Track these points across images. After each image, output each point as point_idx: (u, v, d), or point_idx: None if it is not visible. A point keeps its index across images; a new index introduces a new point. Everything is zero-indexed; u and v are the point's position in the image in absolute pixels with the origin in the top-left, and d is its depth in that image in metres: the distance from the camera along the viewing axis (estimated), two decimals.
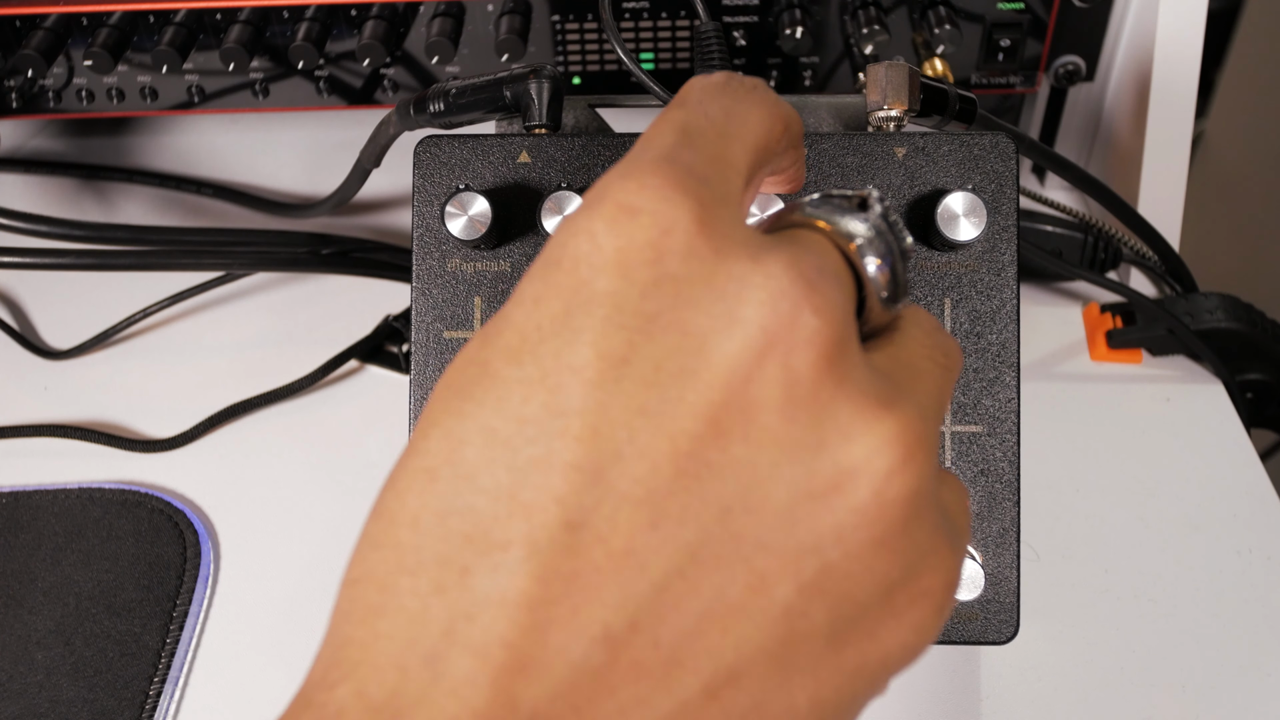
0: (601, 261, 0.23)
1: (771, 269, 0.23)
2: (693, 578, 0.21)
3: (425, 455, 0.23)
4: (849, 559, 0.22)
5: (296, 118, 0.77)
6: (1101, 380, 0.60)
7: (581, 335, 0.22)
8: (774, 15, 0.62)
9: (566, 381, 0.22)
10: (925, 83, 0.44)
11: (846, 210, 0.26)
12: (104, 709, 0.47)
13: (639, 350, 0.22)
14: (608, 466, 0.22)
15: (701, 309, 0.22)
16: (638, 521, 0.21)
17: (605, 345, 0.22)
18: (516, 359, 0.23)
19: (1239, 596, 0.49)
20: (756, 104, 0.28)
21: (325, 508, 0.55)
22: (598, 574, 0.21)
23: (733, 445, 0.22)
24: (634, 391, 0.22)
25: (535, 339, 0.23)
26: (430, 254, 0.42)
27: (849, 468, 0.22)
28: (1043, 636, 0.48)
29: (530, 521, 0.21)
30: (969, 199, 0.40)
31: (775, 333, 0.22)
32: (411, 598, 0.22)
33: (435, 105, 0.45)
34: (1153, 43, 0.61)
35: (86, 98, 0.66)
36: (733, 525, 0.22)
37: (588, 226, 0.23)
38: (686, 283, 0.23)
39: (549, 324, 0.23)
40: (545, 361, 0.22)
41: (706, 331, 0.22)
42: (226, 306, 0.67)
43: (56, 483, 0.56)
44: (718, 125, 0.27)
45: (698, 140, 0.26)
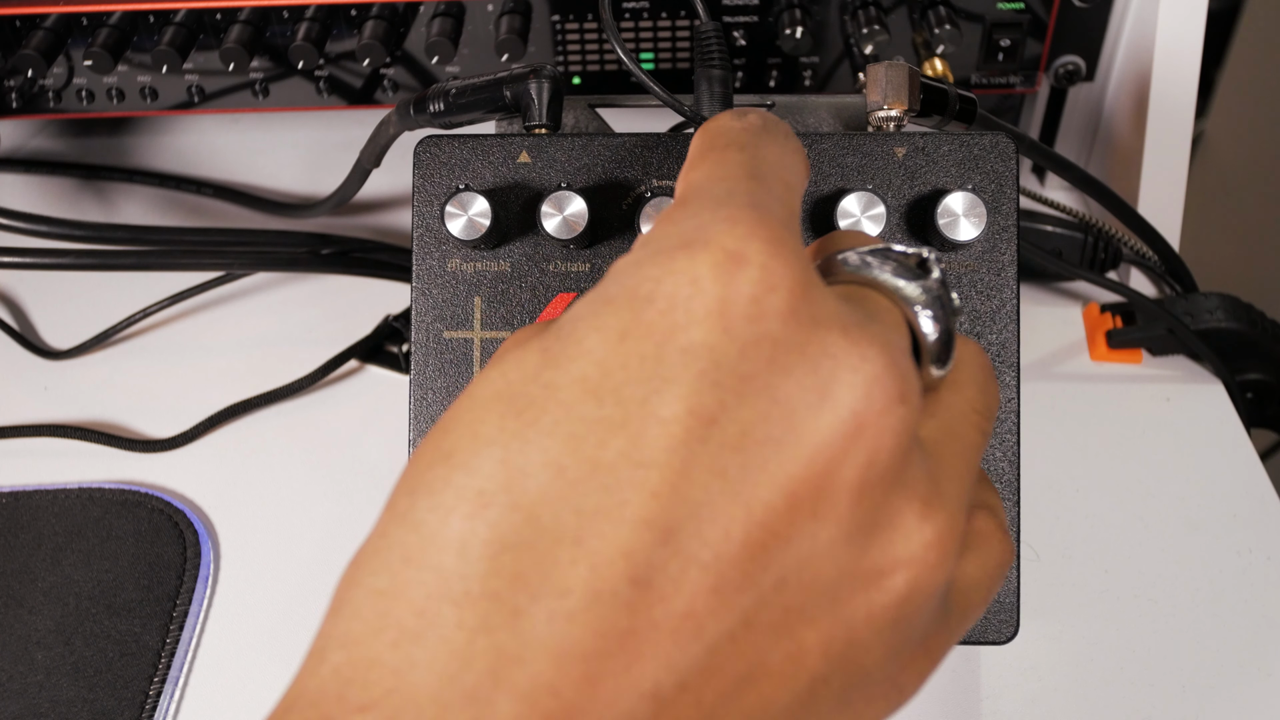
0: (703, 310, 0.22)
1: (867, 352, 0.23)
2: (741, 643, 0.22)
3: (476, 474, 0.22)
4: (872, 635, 0.23)
5: (296, 118, 0.77)
6: (1101, 380, 0.60)
7: (673, 386, 0.22)
8: (774, 15, 0.62)
9: (651, 432, 0.21)
10: (925, 83, 0.44)
11: (908, 273, 0.26)
12: (104, 709, 0.47)
13: (729, 412, 0.22)
14: (680, 527, 0.21)
15: (794, 378, 0.22)
16: (701, 585, 0.21)
17: (697, 401, 0.21)
18: (595, 396, 0.22)
19: (1239, 596, 0.49)
20: (799, 157, 0.28)
21: (325, 508, 0.55)
22: (655, 632, 0.21)
23: (803, 521, 0.22)
24: (718, 454, 0.21)
25: (619, 378, 0.22)
26: (430, 254, 0.42)
27: (895, 559, 0.23)
28: (1043, 636, 0.48)
29: (594, 571, 0.21)
30: (969, 199, 0.40)
31: (865, 419, 0.22)
32: (456, 630, 0.21)
33: (435, 105, 0.45)
34: (1153, 43, 0.61)
35: (86, 98, 0.66)
36: (785, 596, 0.22)
37: (689, 269, 0.22)
38: (783, 347, 0.22)
39: (637, 365, 0.22)
40: (629, 406, 0.22)
41: (796, 403, 0.22)
42: (226, 306, 0.67)
43: (56, 483, 0.56)
44: (781, 176, 0.26)
45: (773, 187, 0.26)
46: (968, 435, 0.27)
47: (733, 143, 0.27)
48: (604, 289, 0.24)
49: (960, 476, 0.26)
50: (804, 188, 0.28)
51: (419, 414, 0.42)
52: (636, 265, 0.23)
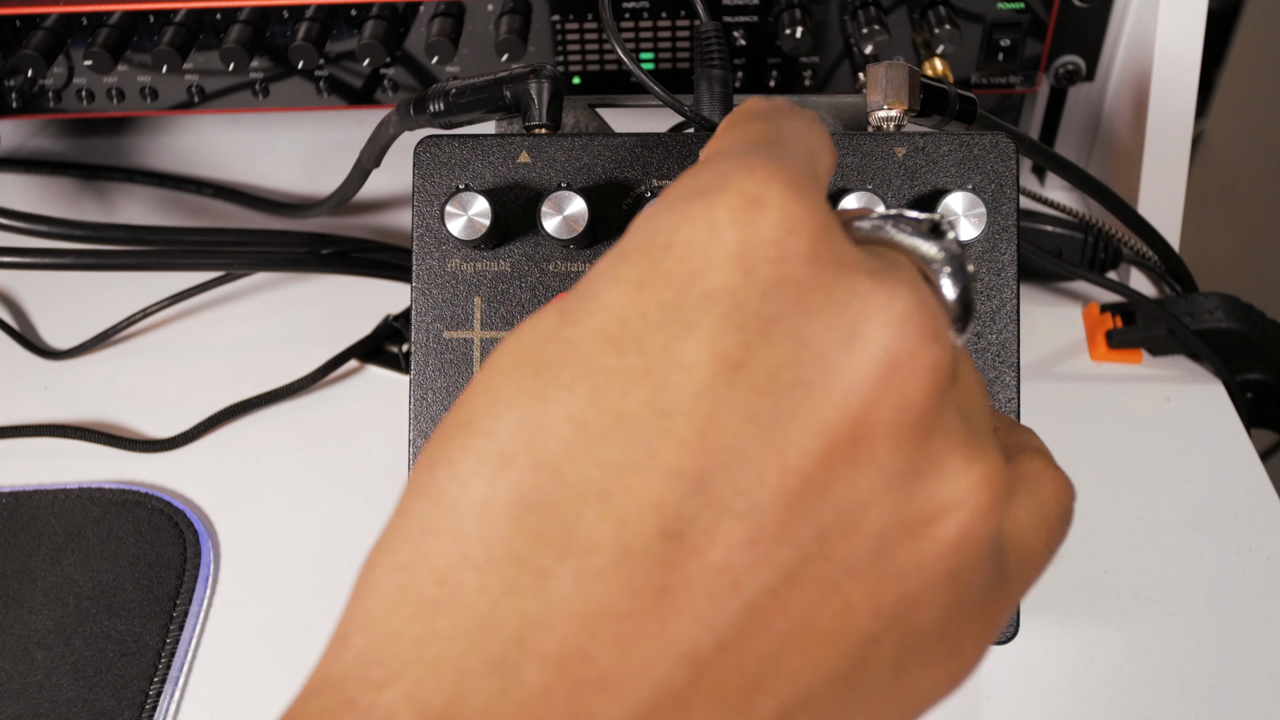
0: (723, 253, 0.21)
1: (895, 290, 0.22)
2: (784, 599, 0.20)
3: (495, 438, 0.21)
4: (924, 589, 0.22)
5: (296, 118, 0.77)
6: (1101, 380, 0.60)
7: (695, 330, 0.21)
8: (774, 15, 0.62)
9: (675, 379, 0.20)
10: (925, 83, 0.44)
11: (923, 233, 0.25)
12: (104, 709, 0.47)
13: (755, 354, 0.21)
14: (712, 475, 0.20)
15: (821, 320, 0.21)
16: (737, 537, 0.20)
17: (721, 345, 0.21)
18: (616, 346, 0.21)
19: (1239, 596, 0.49)
20: (824, 134, 0.27)
21: (325, 508, 0.55)
22: (690, 588, 0.20)
23: (839, 466, 0.21)
24: (746, 398, 0.20)
25: (640, 327, 0.21)
26: (430, 254, 0.42)
27: (943, 503, 0.22)
28: (1043, 636, 0.48)
29: (622, 526, 0.20)
30: (969, 199, 0.40)
31: (898, 357, 0.21)
32: (478, 595, 0.20)
33: (435, 105, 0.45)
34: (1153, 43, 0.61)
35: (86, 98, 0.66)
36: (828, 548, 0.21)
37: (707, 213, 0.22)
38: (808, 289, 0.21)
39: (656, 313, 0.21)
40: (651, 354, 0.21)
41: (825, 344, 0.21)
42: (226, 306, 0.67)
43: (56, 483, 0.56)
44: (804, 143, 0.26)
45: (795, 151, 0.25)
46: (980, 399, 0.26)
47: (756, 116, 0.27)
48: (621, 244, 0.23)
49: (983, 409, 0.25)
50: (831, 165, 0.27)
51: (419, 414, 0.42)
52: (653, 216, 0.23)
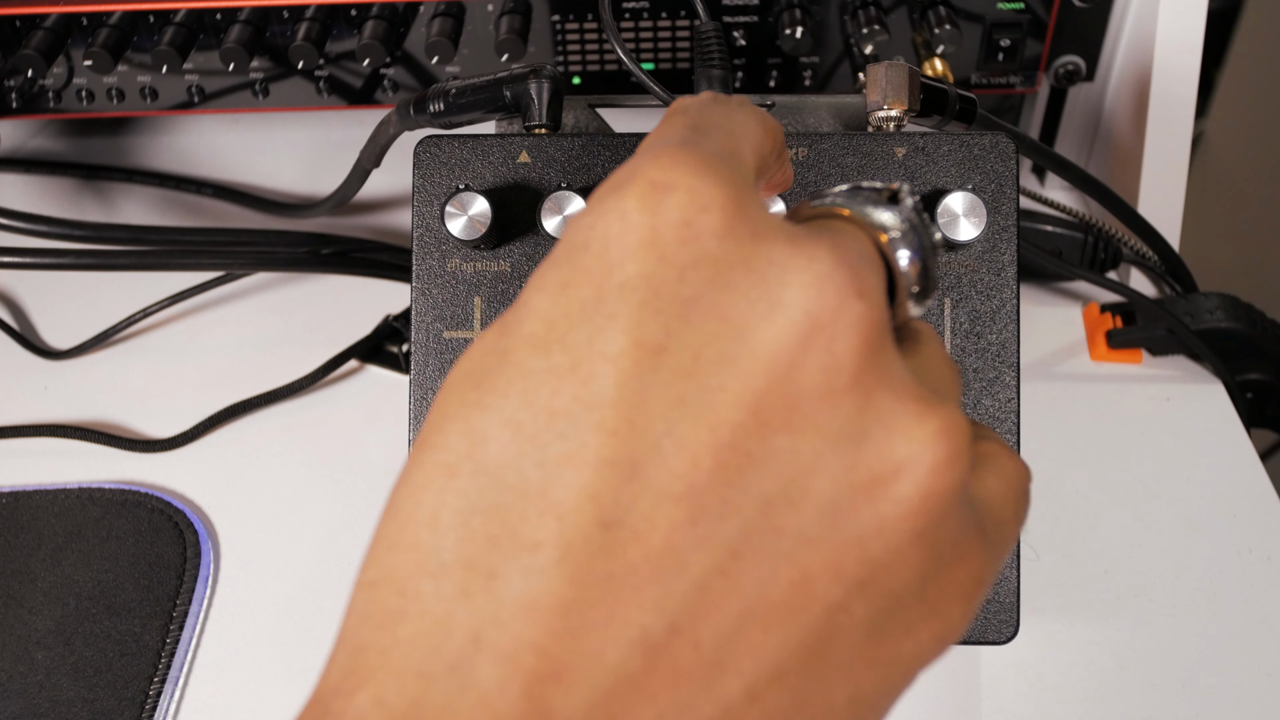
0: (635, 241, 0.22)
1: (814, 252, 0.22)
2: (734, 575, 0.20)
3: (442, 450, 0.22)
4: (889, 552, 0.22)
5: (296, 118, 0.77)
6: (1101, 380, 0.60)
7: (615, 321, 0.21)
8: (774, 15, 0.62)
9: (600, 371, 0.21)
10: (925, 83, 0.44)
11: (878, 202, 0.25)
12: (104, 709, 0.47)
13: (676, 337, 0.21)
14: (644, 461, 0.20)
15: (740, 293, 0.21)
16: (677, 518, 0.20)
17: (641, 332, 0.21)
18: (544, 348, 0.22)
19: (1239, 596, 0.49)
20: (749, 115, 0.28)
21: (325, 508, 0.55)
22: (634, 574, 0.20)
23: (774, 435, 0.21)
24: (672, 381, 0.21)
25: (564, 326, 0.22)
26: (430, 254, 0.42)
27: (895, 461, 0.22)
28: (1043, 636, 0.48)
29: (562, 520, 0.20)
30: (969, 199, 0.40)
31: (819, 317, 0.21)
32: (435, 601, 0.21)
33: (435, 105, 0.45)
34: (1153, 43, 0.61)
35: (86, 98, 0.66)
36: (775, 519, 0.21)
37: (618, 206, 0.22)
38: (724, 264, 0.22)
39: (579, 310, 0.22)
40: (576, 350, 0.21)
41: (746, 316, 0.21)
42: (226, 306, 0.67)
43: (56, 483, 0.56)
44: (724, 127, 0.26)
45: (712, 134, 0.25)
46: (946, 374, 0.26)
47: (676, 111, 0.27)
48: (551, 252, 0.23)
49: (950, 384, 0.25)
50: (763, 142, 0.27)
51: (419, 414, 0.42)
52: (575, 220, 0.23)
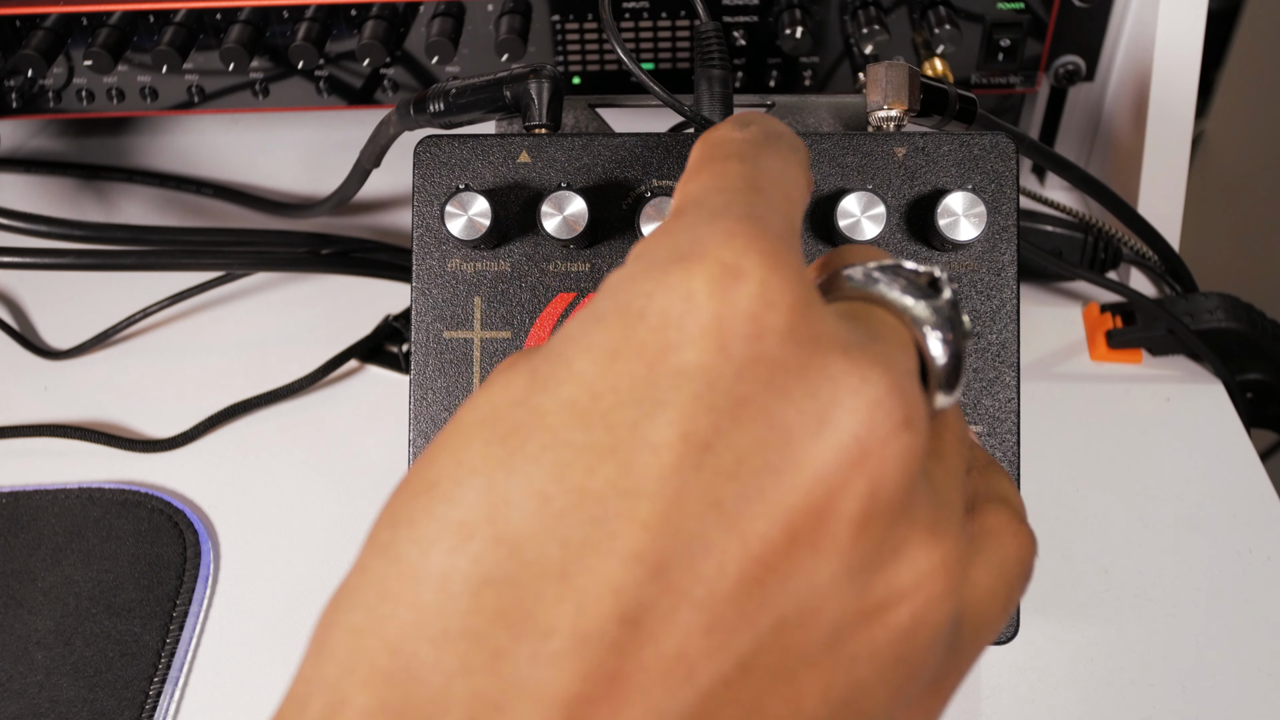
0: (698, 328, 0.21)
1: (869, 374, 0.21)
2: (737, 688, 0.20)
3: (459, 506, 0.21)
4: (874, 674, 0.22)
5: (296, 118, 0.77)
6: (1101, 380, 0.60)
7: (665, 410, 0.20)
8: (774, 15, 0.62)
9: (642, 459, 0.20)
10: (925, 83, 0.44)
11: (917, 291, 0.25)
12: (104, 709, 0.47)
13: (724, 437, 0.20)
14: (673, 561, 0.20)
15: (793, 403, 0.21)
16: (694, 625, 0.20)
17: (690, 425, 0.20)
18: (584, 420, 0.21)
19: (1239, 596, 0.49)
20: (799, 163, 0.27)
21: (325, 508, 0.55)
22: (644, 675, 0.20)
23: (802, 555, 0.21)
24: (712, 482, 0.20)
25: (609, 401, 0.21)
26: (430, 254, 0.42)
27: (898, 590, 0.22)
28: (1043, 636, 0.48)
29: (581, 610, 0.19)
30: (969, 199, 0.40)
31: (868, 445, 0.21)
32: (433, 672, 0.20)
33: (435, 105, 0.45)
34: (1153, 43, 0.61)
35: (86, 98, 0.66)
36: (785, 638, 0.21)
37: (684, 283, 0.21)
38: (781, 369, 0.21)
39: (628, 387, 0.21)
40: (619, 431, 0.20)
41: (795, 428, 0.21)
42: (226, 306, 0.67)
43: (56, 483, 0.56)
44: (782, 188, 0.25)
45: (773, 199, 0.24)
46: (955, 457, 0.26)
47: (732, 154, 0.26)
48: (595, 305, 0.22)
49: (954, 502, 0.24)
50: (806, 201, 0.27)
51: (419, 414, 0.42)
52: (629, 279, 0.22)
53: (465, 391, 0.42)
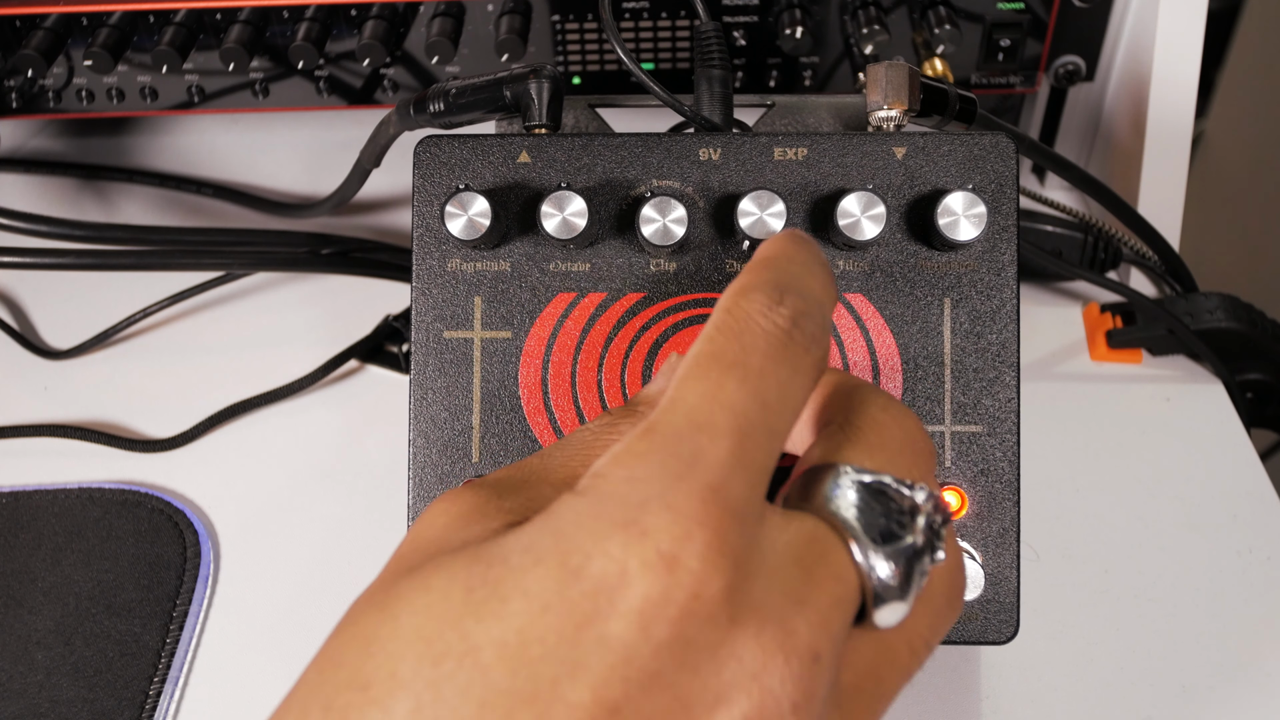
0: (625, 606, 0.23)
1: (771, 661, 0.24)
2: None
3: (389, 716, 0.23)
4: None
5: (296, 118, 0.77)
6: (1101, 380, 0.60)
7: (584, 673, 0.23)
8: (774, 15, 0.62)
9: (557, 714, 0.22)
10: (925, 83, 0.44)
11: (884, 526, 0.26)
12: (104, 709, 0.47)
13: (633, 704, 0.23)
14: None
15: (699, 678, 0.23)
16: None
17: (604, 692, 0.22)
18: (511, 666, 0.23)
19: (1239, 596, 0.49)
20: (812, 369, 0.28)
21: (325, 508, 0.55)
22: None
23: None
24: None
25: (536, 653, 0.23)
26: (430, 254, 0.42)
27: None
28: (1043, 636, 0.48)
29: None
30: (969, 199, 0.40)
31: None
32: None
33: (435, 105, 0.45)
34: (1153, 43, 0.61)
35: (86, 98, 0.66)
36: None
37: (621, 557, 0.23)
38: (695, 648, 0.23)
39: (554, 643, 0.23)
40: (541, 684, 0.22)
41: (695, 706, 0.23)
42: (226, 306, 0.67)
43: (56, 483, 0.56)
44: (772, 418, 0.26)
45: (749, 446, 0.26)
46: (890, 680, 0.27)
47: (738, 364, 0.27)
48: (537, 537, 0.24)
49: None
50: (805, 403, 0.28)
51: (419, 414, 0.42)
52: (576, 523, 0.24)
53: (465, 391, 0.42)
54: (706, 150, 0.41)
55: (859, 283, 0.41)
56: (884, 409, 0.30)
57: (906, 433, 0.30)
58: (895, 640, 0.28)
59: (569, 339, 0.41)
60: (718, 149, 0.41)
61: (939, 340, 0.41)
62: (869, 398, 0.30)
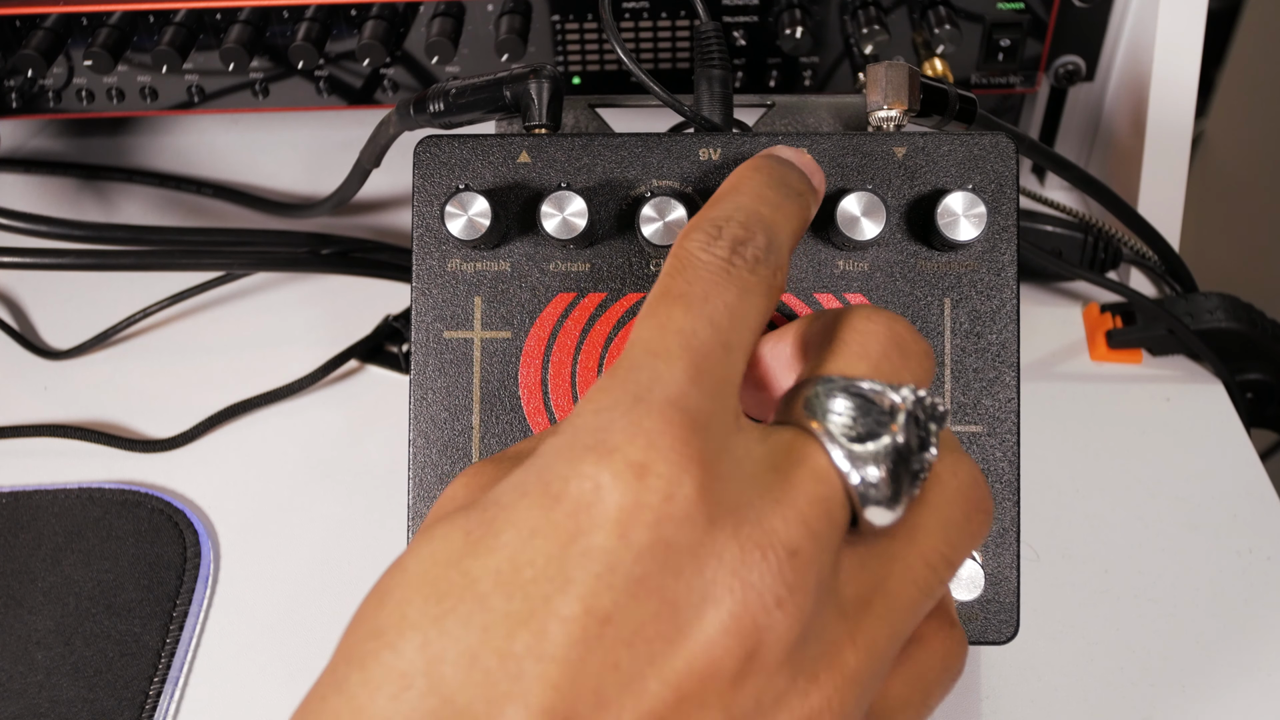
0: (603, 517, 0.24)
1: (749, 556, 0.24)
2: None
3: (401, 656, 0.24)
4: None
5: (296, 118, 0.77)
6: (1101, 380, 0.60)
7: (573, 586, 0.24)
8: (774, 15, 0.62)
9: (553, 629, 0.24)
10: (925, 83, 0.44)
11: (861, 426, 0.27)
12: (104, 709, 0.47)
13: (622, 610, 0.24)
14: (578, 715, 0.23)
15: (683, 579, 0.24)
16: None
17: (593, 602, 0.24)
18: (507, 591, 0.24)
19: (1239, 596, 0.49)
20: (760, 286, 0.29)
21: (325, 508, 0.55)
22: None
23: (689, 709, 0.24)
24: (611, 648, 0.24)
25: (528, 575, 0.24)
26: (430, 254, 0.42)
27: None
28: (1043, 636, 0.48)
29: None
30: (969, 199, 0.40)
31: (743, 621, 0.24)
32: None
33: (435, 105, 0.45)
34: (1153, 43, 0.61)
35: (86, 98, 0.66)
36: None
37: (594, 474, 0.25)
38: (675, 550, 0.24)
39: (543, 563, 0.24)
40: (535, 603, 0.24)
41: (682, 603, 0.24)
42: (226, 306, 0.67)
43: (56, 483, 0.56)
44: (724, 334, 0.28)
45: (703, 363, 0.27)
46: (903, 593, 0.27)
47: (682, 295, 0.28)
48: (524, 475, 0.26)
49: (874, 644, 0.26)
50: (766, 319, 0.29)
51: (419, 414, 0.42)
52: (554, 454, 0.25)
53: (465, 391, 0.42)
54: (706, 150, 0.41)
55: (859, 283, 0.41)
56: (867, 318, 0.30)
57: (893, 335, 0.30)
58: (906, 553, 0.28)
59: (569, 339, 0.41)
60: (718, 149, 0.41)
61: (939, 340, 0.41)
62: (853, 311, 0.31)
